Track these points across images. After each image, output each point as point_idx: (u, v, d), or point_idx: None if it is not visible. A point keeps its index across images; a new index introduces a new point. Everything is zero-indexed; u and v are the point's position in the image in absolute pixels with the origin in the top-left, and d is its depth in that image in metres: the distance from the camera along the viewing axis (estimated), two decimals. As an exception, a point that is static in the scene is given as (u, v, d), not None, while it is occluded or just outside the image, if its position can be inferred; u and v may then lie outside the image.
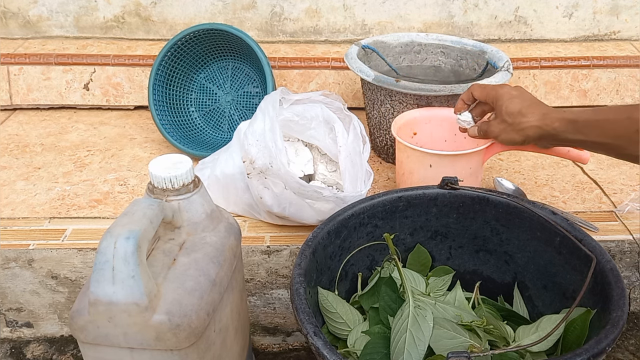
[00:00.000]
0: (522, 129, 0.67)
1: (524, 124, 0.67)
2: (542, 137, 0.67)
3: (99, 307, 0.51)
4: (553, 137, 0.66)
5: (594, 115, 0.62)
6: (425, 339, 0.61)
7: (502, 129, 0.70)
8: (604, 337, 0.52)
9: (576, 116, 0.63)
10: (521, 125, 0.67)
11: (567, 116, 0.64)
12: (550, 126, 0.65)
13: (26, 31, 1.32)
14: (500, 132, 0.71)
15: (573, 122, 0.63)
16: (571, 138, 0.64)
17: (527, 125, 0.67)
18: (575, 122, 0.63)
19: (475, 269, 0.77)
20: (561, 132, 0.64)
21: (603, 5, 1.32)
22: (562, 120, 0.64)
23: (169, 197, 0.58)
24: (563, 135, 0.64)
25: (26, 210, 0.94)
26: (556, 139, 0.66)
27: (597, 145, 0.63)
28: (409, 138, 0.93)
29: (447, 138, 0.94)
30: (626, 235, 0.89)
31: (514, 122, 0.68)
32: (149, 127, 1.21)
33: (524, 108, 0.67)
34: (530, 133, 0.67)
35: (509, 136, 0.69)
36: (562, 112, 0.65)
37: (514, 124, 0.68)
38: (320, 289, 0.68)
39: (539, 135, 0.66)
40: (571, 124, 0.63)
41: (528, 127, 0.67)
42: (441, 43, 1.13)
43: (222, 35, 1.07)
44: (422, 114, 0.93)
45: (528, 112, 0.67)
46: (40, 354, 0.89)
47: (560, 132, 0.64)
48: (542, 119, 0.65)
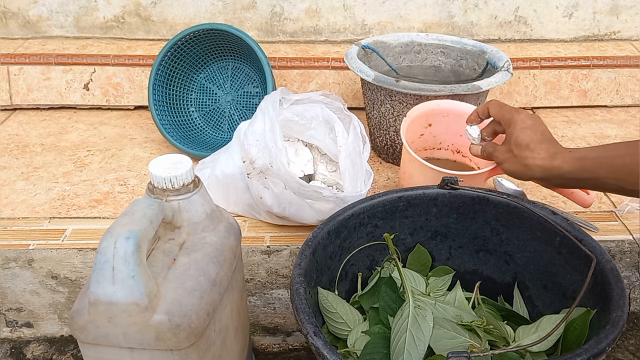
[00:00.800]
0: (526, 164, 0.65)
1: (530, 160, 0.65)
2: (546, 177, 0.65)
3: (99, 307, 0.51)
4: (559, 177, 0.64)
5: (603, 152, 0.61)
6: (425, 339, 0.61)
7: (507, 159, 0.68)
8: (604, 337, 0.52)
9: (585, 154, 0.61)
10: (526, 161, 0.65)
11: (575, 155, 0.62)
12: (556, 167, 0.63)
13: (26, 31, 1.32)
14: (504, 160, 0.69)
15: (581, 160, 0.61)
16: (578, 177, 0.62)
17: (532, 163, 0.65)
18: (584, 159, 0.61)
19: (475, 269, 0.77)
20: (569, 173, 0.62)
21: (603, 5, 1.32)
22: (569, 160, 0.62)
23: (169, 197, 0.58)
24: (570, 175, 0.62)
25: (26, 210, 0.94)
26: (562, 179, 0.64)
27: (606, 183, 0.61)
28: (423, 129, 0.92)
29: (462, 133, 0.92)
30: (626, 235, 0.89)
31: (519, 154, 0.66)
32: (149, 127, 1.21)
33: (533, 143, 0.65)
34: (534, 171, 0.65)
35: (512, 167, 0.68)
36: (570, 152, 0.63)
37: (520, 157, 0.66)
38: (320, 289, 0.68)
39: (544, 175, 0.64)
40: (579, 161, 0.61)
41: (533, 165, 0.65)
42: (441, 43, 1.13)
43: (222, 35, 1.07)
44: (440, 106, 0.91)
45: (536, 148, 0.65)
46: (40, 354, 0.89)
47: (567, 174, 0.62)
48: (548, 159, 0.63)
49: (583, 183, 0.63)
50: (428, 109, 0.91)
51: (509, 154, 0.68)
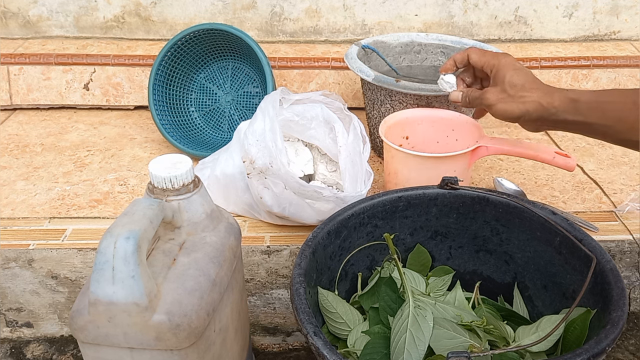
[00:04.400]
0: (523, 102, 0.64)
1: (527, 98, 0.64)
2: (541, 116, 0.64)
3: (99, 307, 0.51)
4: (552, 117, 0.63)
5: (596, 96, 0.60)
6: (425, 339, 0.61)
7: (501, 99, 0.67)
8: (604, 337, 0.52)
9: (578, 96, 0.61)
10: (523, 99, 0.64)
11: (570, 95, 0.62)
12: (551, 104, 0.62)
13: (26, 31, 1.32)
14: (497, 101, 0.67)
15: (574, 101, 0.61)
16: (570, 119, 0.62)
17: (529, 100, 0.64)
18: (577, 101, 0.61)
19: (475, 269, 0.77)
20: (561, 111, 0.62)
21: (603, 5, 1.32)
22: (564, 99, 0.62)
23: (169, 197, 0.58)
24: (562, 116, 0.62)
25: (26, 210, 0.94)
26: (555, 120, 0.63)
27: (596, 129, 0.60)
28: (400, 138, 0.93)
29: (439, 139, 0.94)
30: (626, 235, 0.89)
31: (515, 94, 0.65)
32: (149, 127, 1.21)
33: (528, 83, 0.65)
34: (530, 108, 0.64)
35: (506, 106, 0.66)
36: (565, 91, 0.63)
37: (515, 96, 0.65)
38: (320, 289, 0.68)
39: (539, 113, 0.64)
40: (572, 103, 0.61)
41: (530, 101, 0.64)
42: (441, 43, 1.13)
43: (222, 35, 1.07)
44: (414, 114, 0.93)
45: (532, 87, 0.65)
46: (40, 354, 0.89)
47: (560, 112, 0.62)
48: (544, 96, 0.63)
49: (573, 126, 0.63)
50: (403, 117, 0.93)
51: (504, 94, 0.66)
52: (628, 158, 1.10)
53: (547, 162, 0.82)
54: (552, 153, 0.82)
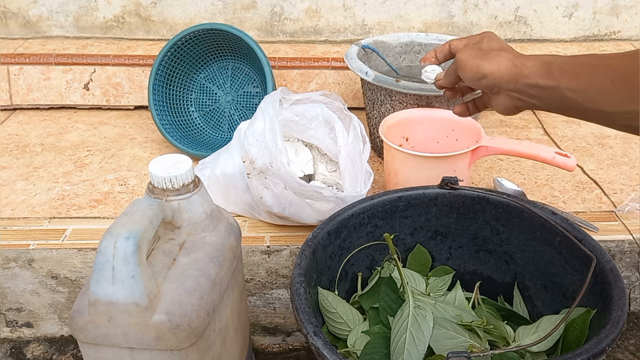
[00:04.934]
0: (493, 58, 0.59)
1: (499, 57, 0.59)
2: (511, 77, 0.58)
3: (99, 307, 0.51)
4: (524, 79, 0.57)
5: (572, 59, 0.55)
6: (425, 339, 0.61)
7: (472, 54, 0.61)
8: (604, 337, 0.52)
9: (552, 59, 0.56)
10: (496, 56, 0.59)
11: (544, 58, 0.57)
12: (524, 65, 0.57)
13: (26, 31, 1.32)
14: (468, 57, 0.61)
15: (547, 64, 0.56)
16: (541, 83, 0.56)
17: (502, 58, 0.59)
18: (550, 64, 0.56)
19: (475, 269, 0.77)
20: (533, 73, 0.56)
21: (603, 5, 1.32)
22: (537, 62, 0.57)
23: (169, 197, 0.58)
24: (533, 79, 0.56)
25: (26, 210, 0.94)
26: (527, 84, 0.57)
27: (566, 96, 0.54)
28: (400, 138, 0.93)
29: (439, 139, 0.94)
30: (626, 235, 0.89)
31: (490, 52, 0.61)
32: (149, 127, 1.21)
33: (507, 47, 0.61)
34: (502, 66, 0.58)
35: (476, 62, 0.60)
36: (541, 55, 0.58)
37: (489, 53, 0.60)
38: (320, 289, 0.68)
39: (510, 72, 0.58)
40: (545, 65, 0.56)
41: (502, 60, 0.59)
42: (441, 43, 1.13)
43: (222, 35, 1.07)
44: (413, 114, 0.93)
45: (509, 50, 0.61)
46: (40, 354, 0.89)
47: (531, 74, 0.56)
48: (518, 58, 0.58)
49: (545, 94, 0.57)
50: (403, 117, 0.93)
51: (477, 52, 0.62)
52: (628, 158, 1.10)
53: (547, 162, 0.82)
54: (552, 153, 0.82)
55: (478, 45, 0.63)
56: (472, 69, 0.60)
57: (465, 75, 0.62)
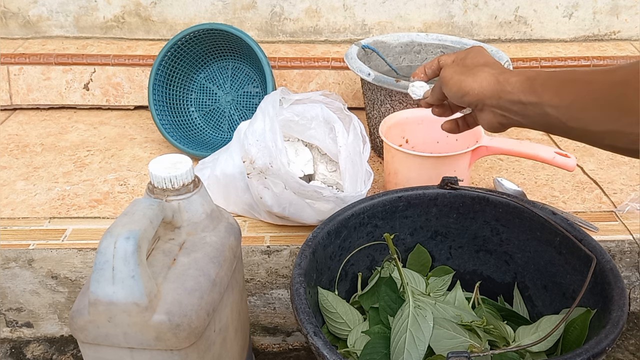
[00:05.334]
0: (476, 74, 0.58)
1: (483, 73, 0.57)
2: (494, 93, 0.56)
3: (99, 307, 0.51)
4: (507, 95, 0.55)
5: (555, 74, 0.53)
6: (425, 339, 0.61)
7: (456, 72, 0.60)
8: (604, 337, 0.52)
9: (536, 75, 0.54)
10: (479, 73, 0.58)
11: (528, 74, 0.55)
12: (507, 80, 0.55)
13: (26, 31, 1.32)
14: (452, 74, 0.60)
15: (531, 79, 0.54)
16: (524, 99, 0.54)
17: (485, 74, 0.57)
18: (533, 80, 0.54)
19: (475, 269, 0.77)
20: (515, 89, 0.54)
21: (603, 5, 1.32)
22: (520, 76, 0.55)
23: (169, 197, 0.58)
24: (516, 96, 0.54)
25: (26, 210, 0.94)
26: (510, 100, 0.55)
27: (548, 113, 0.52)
28: (400, 138, 0.93)
29: (439, 139, 0.94)
30: (626, 235, 0.89)
31: (473, 68, 0.59)
32: (149, 127, 1.21)
33: (491, 62, 0.60)
34: (484, 82, 0.57)
35: (459, 78, 0.59)
36: (525, 70, 0.56)
37: (473, 69, 0.59)
38: (320, 289, 0.68)
39: (492, 89, 0.56)
40: (528, 81, 0.54)
41: (484, 75, 0.57)
42: (441, 43, 1.13)
43: (222, 35, 1.07)
44: (413, 114, 0.93)
45: (493, 65, 0.59)
46: (40, 354, 0.89)
47: (514, 90, 0.54)
48: (502, 74, 0.56)
49: (528, 110, 0.54)
50: (403, 117, 0.93)
51: (460, 68, 0.60)
52: (628, 158, 1.10)
53: (547, 162, 0.82)
54: (552, 153, 0.82)
55: (463, 62, 0.61)
56: (455, 86, 0.59)
57: (448, 92, 0.61)
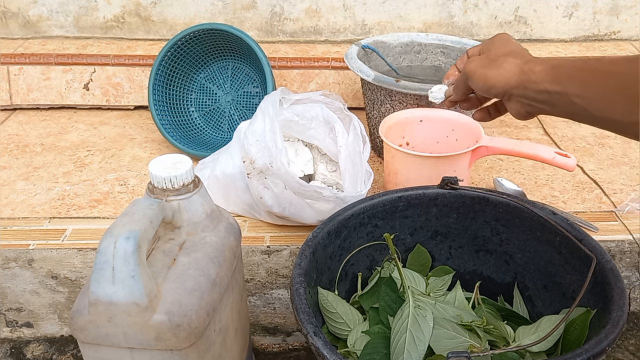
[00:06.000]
0: (501, 66, 0.58)
1: (507, 63, 0.58)
2: (519, 83, 0.57)
3: (99, 307, 0.51)
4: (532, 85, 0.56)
5: (581, 63, 0.53)
6: (425, 339, 0.61)
7: (480, 65, 0.60)
8: (604, 337, 0.52)
9: (561, 63, 0.54)
10: (503, 64, 0.58)
11: (553, 62, 0.55)
12: (532, 70, 0.55)
13: (26, 31, 1.32)
14: (476, 68, 0.60)
15: (556, 68, 0.54)
16: (549, 89, 0.54)
17: (510, 64, 0.57)
18: (558, 68, 0.54)
19: (475, 269, 0.77)
20: (540, 79, 0.55)
21: (603, 5, 1.32)
22: (545, 65, 0.55)
23: (169, 197, 0.58)
24: (542, 85, 0.55)
25: (26, 210, 0.94)
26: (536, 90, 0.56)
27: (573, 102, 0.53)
28: (400, 138, 0.93)
29: (439, 139, 0.94)
30: (626, 235, 0.89)
31: (497, 59, 0.59)
32: (149, 127, 1.21)
33: (516, 51, 0.60)
34: (509, 73, 0.57)
35: (485, 71, 0.59)
36: (551, 58, 0.57)
37: (497, 61, 0.59)
38: (320, 289, 0.68)
39: (517, 79, 0.57)
40: (553, 70, 0.54)
41: (509, 65, 0.57)
42: (441, 43, 1.13)
43: (222, 35, 1.07)
44: (413, 114, 0.93)
45: (517, 54, 0.59)
46: (40, 354, 0.89)
47: (539, 80, 0.55)
48: (527, 63, 0.57)
49: (554, 100, 0.55)
50: (402, 117, 0.92)
51: (485, 60, 0.60)
52: (628, 158, 1.10)
53: (547, 162, 0.82)
54: (552, 153, 0.82)
55: (487, 53, 0.62)
56: (481, 80, 0.59)
57: (475, 86, 0.61)
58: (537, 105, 0.56)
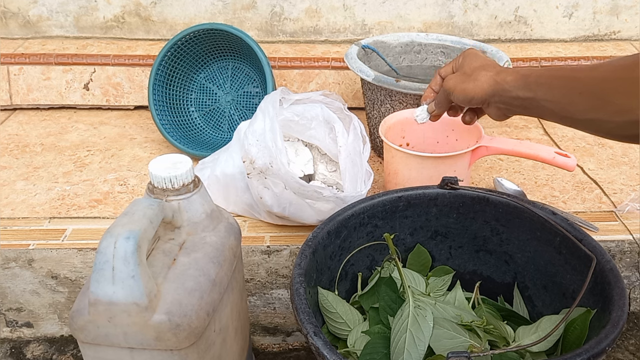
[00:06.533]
0: (477, 79, 0.66)
1: (482, 77, 0.65)
2: (495, 92, 0.64)
3: (99, 307, 0.51)
4: (506, 93, 0.63)
5: (547, 71, 0.60)
6: (425, 339, 0.61)
7: (459, 81, 0.68)
8: (604, 337, 0.52)
9: (530, 72, 0.62)
10: (479, 77, 0.66)
11: (522, 72, 0.63)
12: (504, 80, 0.63)
13: (26, 31, 1.32)
14: (455, 84, 0.68)
15: (525, 77, 0.61)
16: (521, 95, 0.61)
17: (484, 78, 0.65)
18: (528, 77, 0.61)
19: (475, 269, 0.77)
20: (512, 87, 0.62)
21: (603, 5, 1.32)
22: (516, 76, 0.62)
23: (169, 197, 0.58)
24: (514, 92, 0.62)
25: (26, 210, 0.94)
26: (509, 97, 0.63)
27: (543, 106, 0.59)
28: (400, 138, 0.93)
29: (439, 139, 0.94)
30: (626, 235, 0.89)
31: (472, 73, 0.67)
32: (149, 127, 1.21)
33: (486, 65, 0.67)
34: (484, 85, 0.65)
35: (464, 86, 0.67)
36: (519, 69, 0.64)
37: (472, 75, 0.67)
38: (320, 289, 0.68)
39: (493, 89, 0.64)
40: (523, 79, 0.61)
41: (484, 78, 0.65)
42: (441, 43, 1.13)
43: (222, 35, 1.07)
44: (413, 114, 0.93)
45: (489, 67, 0.66)
46: (40, 354, 0.89)
47: (511, 88, 0.62)
48: (499, 74, 0.64)
49: (526, 104, 0.62)
50: (402, 117, 0.93)
51: (462, 77, 0.68)
52: (628, 158, 1.10)
53: (547, 162, 0.82)
54: (552, 153, 0.82)
55: (461, 70, 0.69)
56: (461, 94, 0.68)
57: (456, 100, 0.69)
58: (512, 108, 0.64)
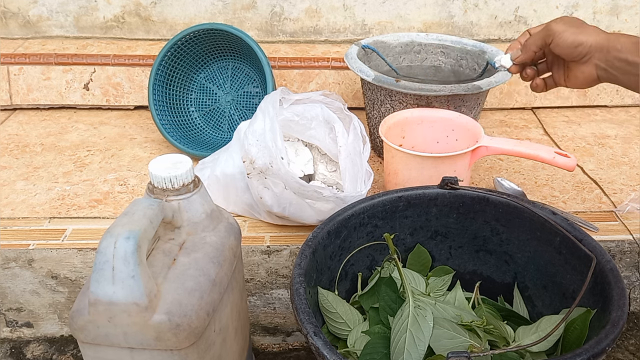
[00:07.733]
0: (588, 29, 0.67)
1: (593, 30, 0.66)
2: (604, 47, 0.66)
3: (99, 307, 0.51)
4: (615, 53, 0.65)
5: None
6: (425, 339, 0.61)
7: (568, 24, 0.68)
8: (604, 337, 0.52)
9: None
10: (588, 30, 0.67)
11: (633, 39, 0.64)
12: (617, 41, 0.65)
13: (26, 31, 1.32)
14: (565, 27, 0.68)
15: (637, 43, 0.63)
16: (630, 59, 0.63)
17: (597, 31, 0.66)
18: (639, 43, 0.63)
19: (475, 269, 0.77)
20: (624, 49, 0.64)
21: (603, 5, 1.32)
22: (629, 38, 0.64)
23: (169, 197, 0.58)
24: (624, 54, 0.64)
25: (26, 210, 0.94)
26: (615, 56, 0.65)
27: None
28: (400, 138, 0.93)
29: (439, 139, 0.94)
30: (626, 235, 0.89)
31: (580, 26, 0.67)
32: (149, 127, 1.21)
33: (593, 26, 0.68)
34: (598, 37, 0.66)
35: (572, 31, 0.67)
36: (632, 35, 0.66)
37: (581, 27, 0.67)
38: (320, 289, 0.68)
39: (604, 43, 0.65)
40: (635, 44, 0.63)
41: (597, 31, 0.66)
42: (441, 43, 1.13)
43: (222, 35, 1.07)
44: (413, 114, 0.93)
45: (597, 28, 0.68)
46: (40, 354, 0.89)
47: (623, 50, 0.64)
48: (610, 35, 0.66)
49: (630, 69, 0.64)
50: (402, 117, 0.93)
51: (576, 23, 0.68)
52: (628, 158, 1.10)
53: (547, 162, 0.82)
54: (552, 153, 0.82)
55: (570, 20, 0.69)
56: (570, 37, 0.67)
57: (561, 43, 0.68)
58: (611, 71, 0.65)
